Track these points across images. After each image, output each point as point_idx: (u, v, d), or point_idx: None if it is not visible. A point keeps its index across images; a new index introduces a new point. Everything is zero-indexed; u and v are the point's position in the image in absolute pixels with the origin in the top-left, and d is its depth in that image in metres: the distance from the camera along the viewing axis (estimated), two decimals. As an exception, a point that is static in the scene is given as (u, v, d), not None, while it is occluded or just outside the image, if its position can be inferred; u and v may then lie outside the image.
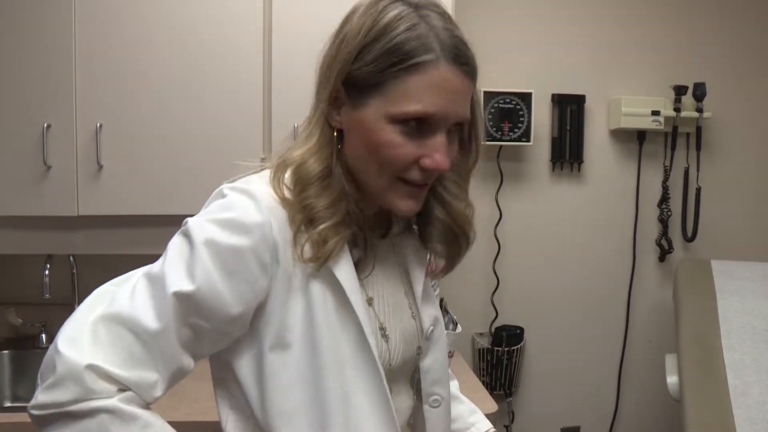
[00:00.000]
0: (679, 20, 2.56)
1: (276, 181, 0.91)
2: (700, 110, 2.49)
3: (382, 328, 0.98)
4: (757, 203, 2.65)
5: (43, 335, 2.21)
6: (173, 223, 1.97)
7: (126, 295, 0.87)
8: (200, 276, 0.85)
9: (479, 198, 2.52)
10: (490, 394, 2.03)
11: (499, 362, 2.47)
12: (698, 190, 2.57)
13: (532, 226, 2.56)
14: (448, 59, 0.86)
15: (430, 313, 1.07)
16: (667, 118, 2.49)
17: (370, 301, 0.97)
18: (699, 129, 2.54)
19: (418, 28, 0.85)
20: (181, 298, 0.84)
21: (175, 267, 0.86)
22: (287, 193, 0.90)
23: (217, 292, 0.85)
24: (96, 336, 0.84)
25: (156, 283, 0.86)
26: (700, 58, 2.57)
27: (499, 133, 2.39)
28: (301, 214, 0.89)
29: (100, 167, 1.90)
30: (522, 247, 2.56)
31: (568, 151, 2.52)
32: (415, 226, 1.08)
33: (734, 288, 2.21)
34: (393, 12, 0.87)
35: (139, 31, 1.90)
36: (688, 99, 2.50)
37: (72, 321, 0.86)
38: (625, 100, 2.47)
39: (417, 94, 0.85)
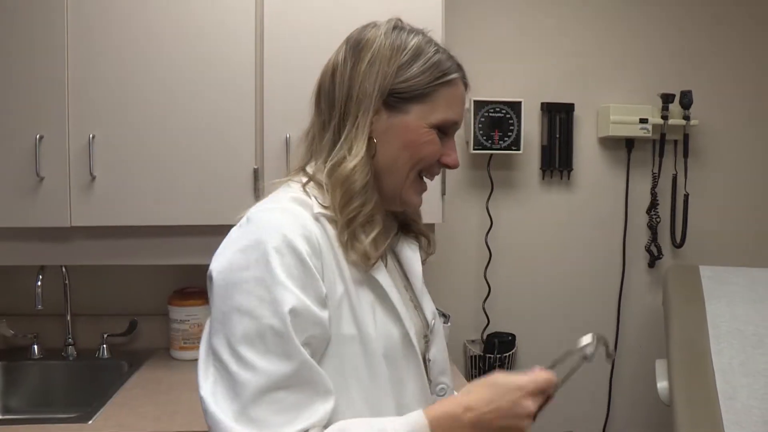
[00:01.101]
0: (666, 30, 2.59)
1: (334, 197, 1.00)
2: (687, 118, 2.52)
3: None
4: (743, 209, 2.67)
5: (35, 346, 2.20)
6: (166, 233, 2.00)
7: (243, 371, 0.87)
8: (287, 298, 0.88)
9: (470, 206, 2.54)
10: (483, 400, 2.03)
11: (491, 369, 2.48)
12: (686, 196, 2.60)
13: (523, 233, 2.58)
14: (462, 76, 1.07)
15: (429, 306, 1.16)
16: (654, 126, 2.52)
17: None
18: (686, 136, 2.57)
19: (440, 52, 1.05)
20: (290, 320, 0.88)
21: (262, 309, 0.88)
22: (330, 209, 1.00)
23: (302, 302, 0.90)
24: (259, 423, 0.85)
25: (259, 337, 0.87)
26: (686, 66, 2.60)
27: (490, 141, 2.41)
28: (347, 228, 0.99)
29: (93, 178, 1.90)
30: (513, 255, 2.58)
31: (557, 159, 2.55)
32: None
33: (722, 293, 2.23)
34: (416, 38, 1.05)
35: (131, 42, 1.91)
36: (675, 107, 2.53)
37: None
38: (613, 108, 2.50)
39: (451, 105, 1.05)
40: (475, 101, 2.38)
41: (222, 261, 0.94)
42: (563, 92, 2.54)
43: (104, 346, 2.23)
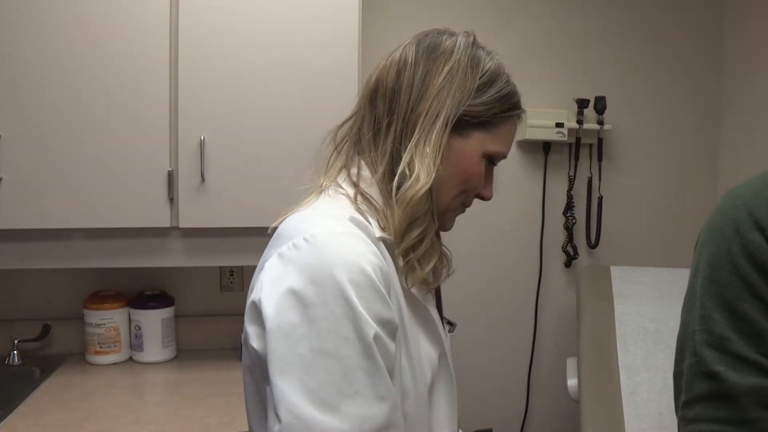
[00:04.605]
0: (582, 37, 2.67)
1: (392, 219, 0.94)
2: (601, 123, 2.61)
3: None
4: (653, 211, 2.78)
5: (-60, 354, 2.12)
6: (78, 236, 1.95)
7: (330, 418, 0.77)
8: (371, 332, 0.82)
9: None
10: (400, 400, 2.06)
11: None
12: (600, 198, 2.68)
13: (442, 234, 2.61)
14: (521, 112, 1.03)
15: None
16: (570, 130, 2.59)
17: None
18: (600, 140, 2.66)
19: (511, 83, 1.00)
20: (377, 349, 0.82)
21: (348, 349, 0.79)
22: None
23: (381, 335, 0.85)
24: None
25: (346, 379, 0.79)
26: (601, 73, 2.69)
27: (410, 144, 2.43)
28: (407, 256, 0.95)
29: (-1, 180, 1.85)
30: (434, 256, 2.60)
31: (477, 162, 2.59)
32: None
33: (630, 292, 2.32)
34: (491, 61, 0.99)
35: (40, 40, 1.85)
36: (590, 112, 2.61)
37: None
38: (530, 113, 2.56)
39: (507, 138, 1.01)
40: (395, 104, 2.40)
41: (285, 288, 0.81)
42: (483, 96, 2.58)
43: (15, 352, 2.15)
